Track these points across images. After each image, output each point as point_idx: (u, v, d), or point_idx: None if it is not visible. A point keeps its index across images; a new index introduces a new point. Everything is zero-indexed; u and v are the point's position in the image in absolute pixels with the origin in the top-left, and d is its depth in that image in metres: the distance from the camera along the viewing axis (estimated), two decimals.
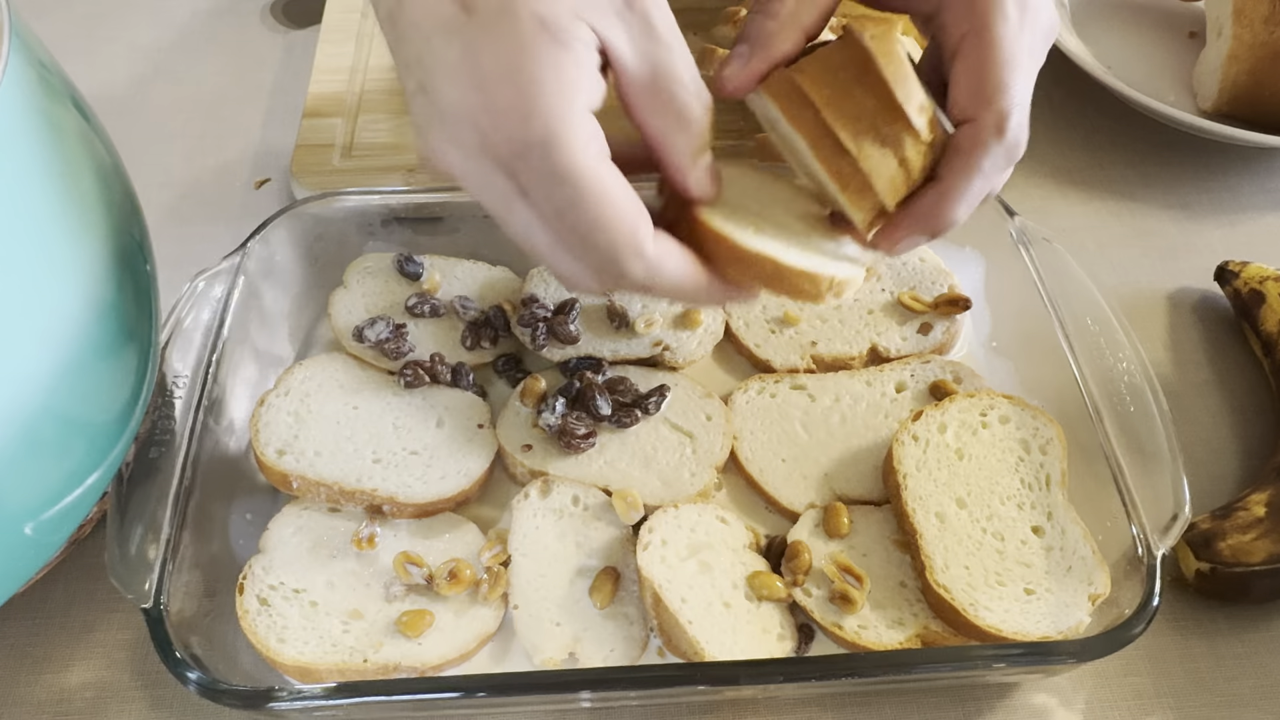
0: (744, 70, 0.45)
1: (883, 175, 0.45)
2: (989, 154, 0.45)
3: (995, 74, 0.44)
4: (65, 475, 0.46)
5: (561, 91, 0.39)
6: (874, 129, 0.45)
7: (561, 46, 0.39)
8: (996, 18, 0.45)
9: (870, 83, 0.44)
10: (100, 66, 0.87)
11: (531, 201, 0.41)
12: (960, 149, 0.45)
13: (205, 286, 0.59)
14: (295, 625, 0.52)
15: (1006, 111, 0.45)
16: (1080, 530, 0.54)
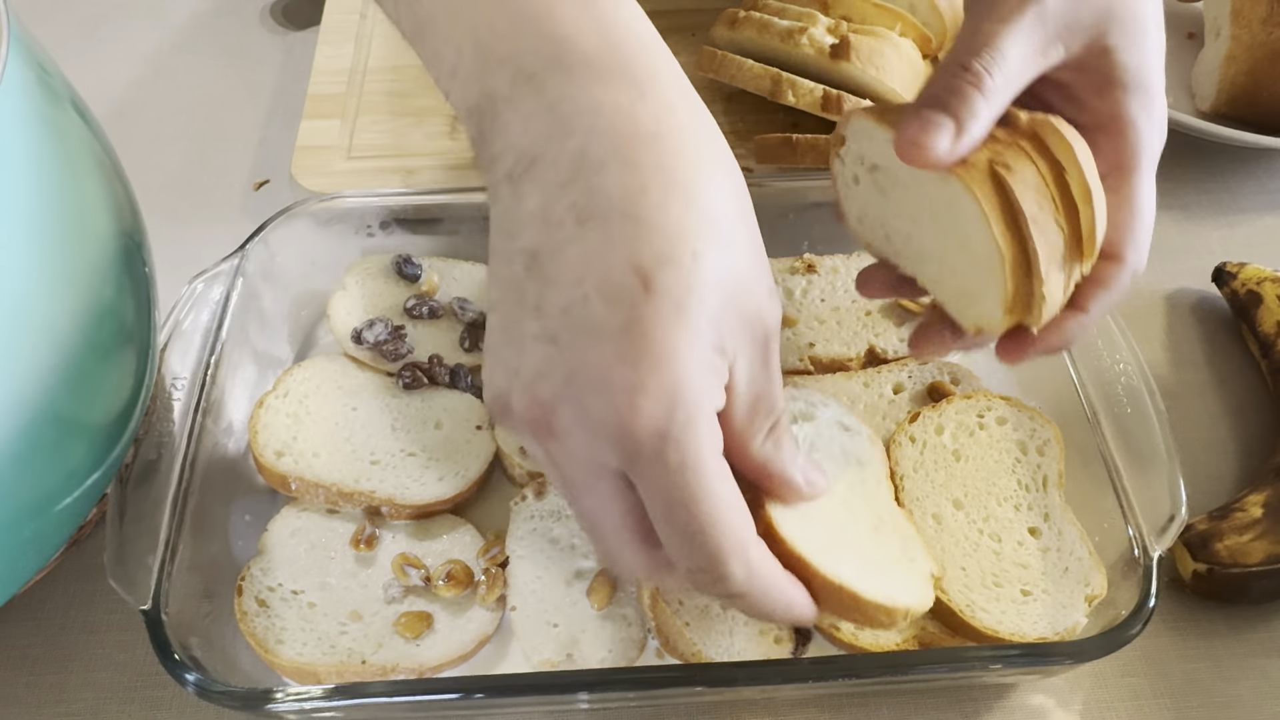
0: (961, 144, 0.43)
1: (1054, 302, 0.46)
2: (1122, 291, 0.48)
3: (1143, 221, 0.47)
4: (64, 477, 0.47)
5: (705, 391, 0.37)
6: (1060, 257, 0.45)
7: (716, 353, 0.38)
8: (1146, 162, 0.47)
9: (1066, 206, 0.45)
10: (100, 68, 0.87)
11: (640, 489, 0.38)
12: (1105, 284, 0.47)
13: (204, 288, 0.59)
14: (293, 626, 0.52)
15: (1144, 256, 0.48)
16: (1077, 531, 0.54)
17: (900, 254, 0.51)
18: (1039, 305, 0.45)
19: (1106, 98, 0.47)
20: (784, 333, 0.65)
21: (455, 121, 0.78)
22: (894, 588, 0.47)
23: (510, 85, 0.38)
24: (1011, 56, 0.44)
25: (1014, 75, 0.44)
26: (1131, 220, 0.47)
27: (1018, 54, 0.44)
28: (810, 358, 0.64)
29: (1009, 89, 0.45)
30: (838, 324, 0.66)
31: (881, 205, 0.51)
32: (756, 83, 0.73)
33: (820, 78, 0.72)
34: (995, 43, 0.44)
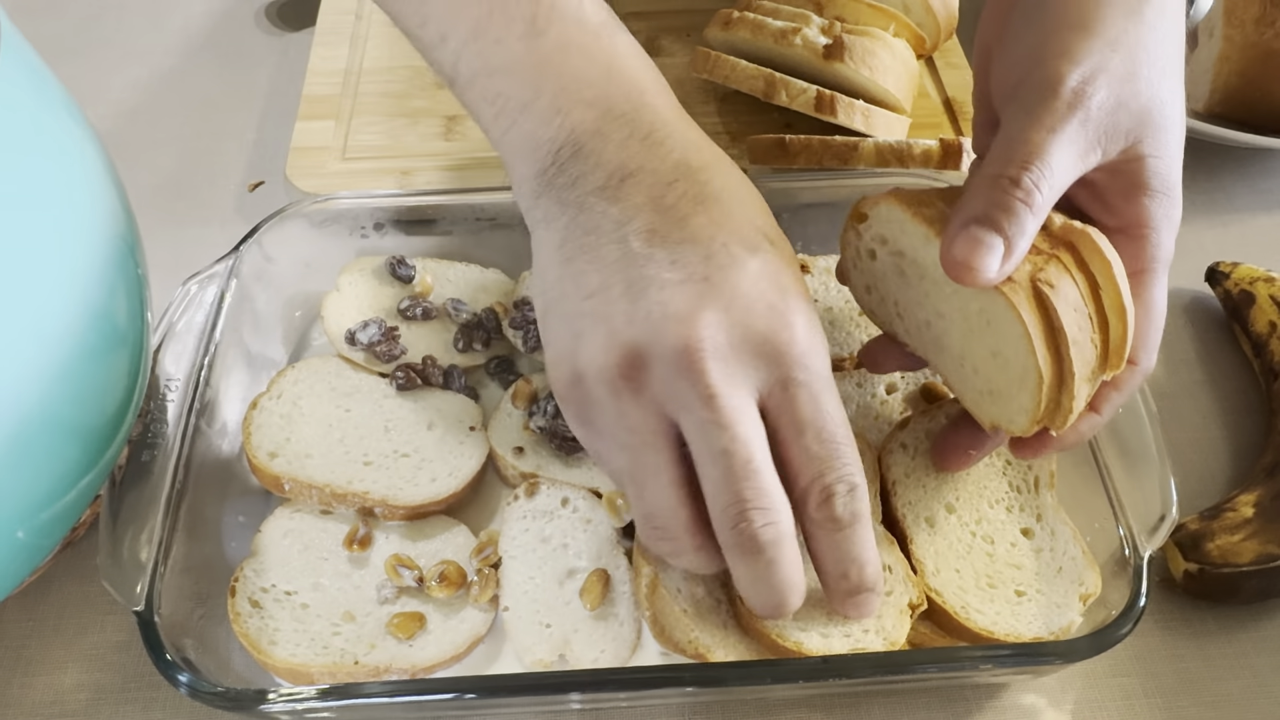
0: (1009, 264, 0.44)
1: (1078, 411, 0.47)
2: (1132, 393, 0.50)
3: (1157, 326, 0.49)
4: (57, 479, 0.47)
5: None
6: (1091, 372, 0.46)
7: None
8: (1163, 267, 0.49)
9: (1100, 321, 0.46)
10: (94, 69, 0.87)
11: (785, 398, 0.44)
12: (1119, 387, 0.49)
13: (198, 289, 0.59)
14: (287, 627, 0.52)
15: (1154, 359, 0.49)
16: (1070, 531, 0.54)
17: (911, 335, 0.52)
18: (1065, 415, 0.46)
19: (1133, 202, 0.47)
20: None
21: (450, 123, 0.78)
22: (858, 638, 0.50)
23: (599, 122, 0.46)
24: (1058, 168, 0.44)
25: (1059, 186, 0.45)
26: (1147, 326, 0.48)
27: (1063, 164, 0.45)
28: None
29: (1053, 200, 0.45)
30: (831, 324, 0.66)
31: (901, 289, 0.52)
32: (750, 83, 0.73)
33: (814, 78, 0.72)
34: (1044, 155, 0.44)
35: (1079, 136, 0.45)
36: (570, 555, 0.54)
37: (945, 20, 0.78)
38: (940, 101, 0.80)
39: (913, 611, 0.51)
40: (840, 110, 0.70)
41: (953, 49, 0.82)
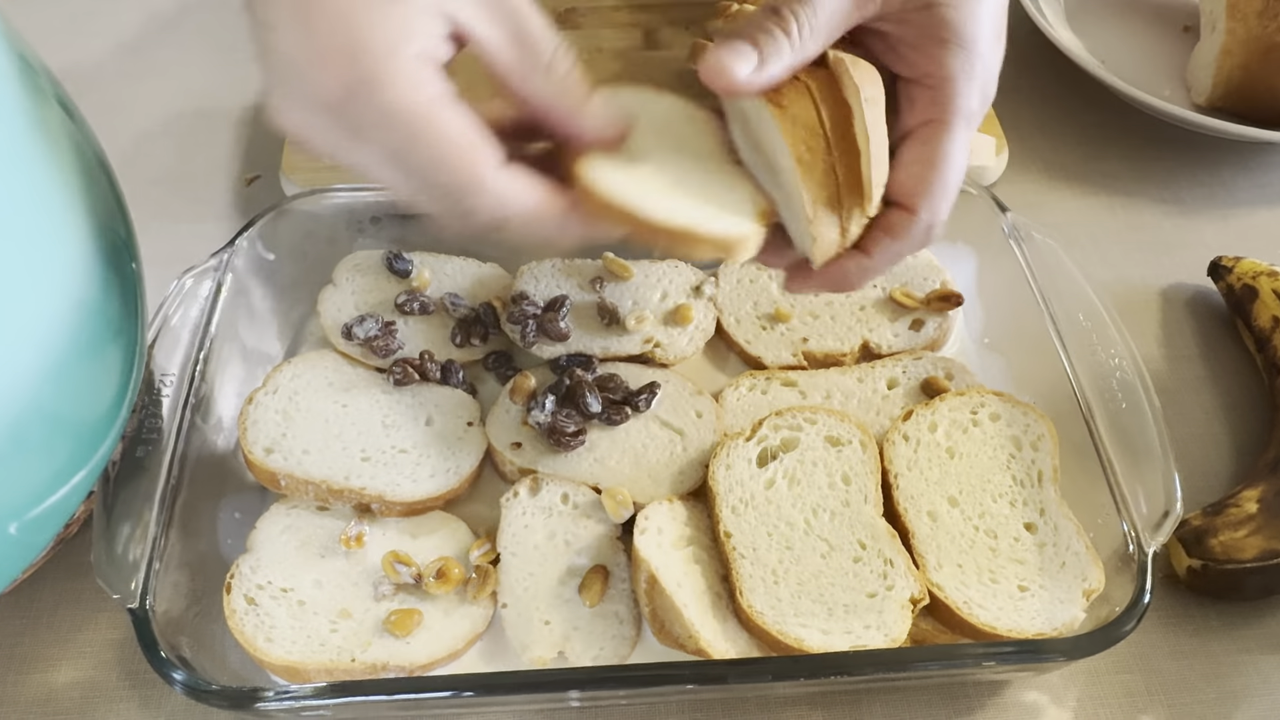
0: (758, 76, 0.45)
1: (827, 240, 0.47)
2: (915, 243, 0.48)
3: (943, 177, 0.47)
4: (51, 474, 0.46)
5: (389, 35, 0.40)
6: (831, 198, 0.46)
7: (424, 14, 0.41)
8: (959, 119, 0.47)
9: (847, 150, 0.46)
10: (88, 62, 0.86)
11: (370, 147, 0.42)
12: (891, 230, 0.48)
13: (193, 284, 0.59)
14: (283, 625, 0.51)
15: (941, 212, 0.47)
16: (1073, 526, 0.54)
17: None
18: (816, 243, 0.46)
19: (925, 52, 0.47)
20: (778, 328, 0.65)
21: None
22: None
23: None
24: (822, 7, 0.45)
25: (823, 26, 0.45)
26: (930, 174, 0.47)
27: (829, 5, 0.45)
28: (804, 353, 0.64)
29: (817, 39, 0.46)
30: (831, 319, 0.65)
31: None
32: None
33: None
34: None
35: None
36: (570, 552, 0.54)
37: None
38: None
39: (914, 606, 0.51)
40: None
41: None
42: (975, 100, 0.47)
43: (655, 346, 0.63)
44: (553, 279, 0.66)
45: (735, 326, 0.65)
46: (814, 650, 0.49)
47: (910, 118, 0.48)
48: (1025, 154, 0.79)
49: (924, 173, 0.47)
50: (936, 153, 0.47)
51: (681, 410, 0.60)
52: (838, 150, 0.46)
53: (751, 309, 0.65)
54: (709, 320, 0.65)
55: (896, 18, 0.47)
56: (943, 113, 0.47)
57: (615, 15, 0.85)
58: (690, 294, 0.66)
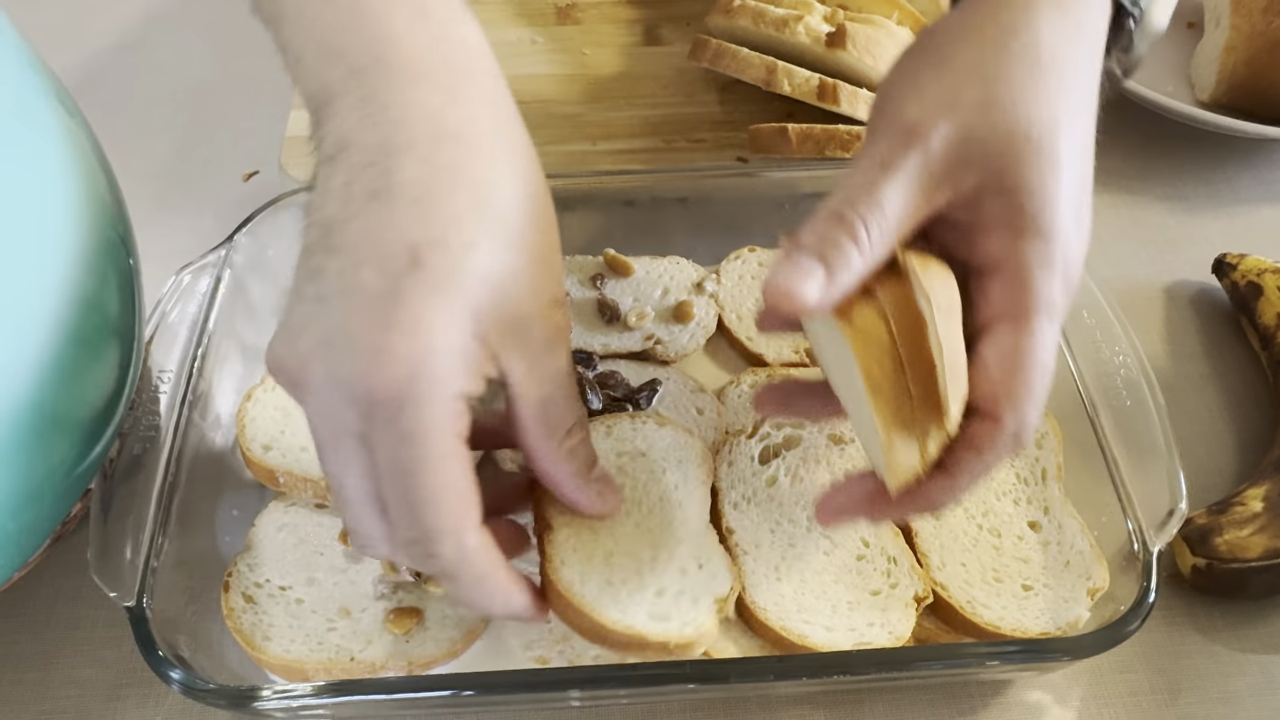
0: (828, 295, 0.41)
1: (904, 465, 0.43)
2: (1003, 454, 0.44)
3: (1028, 380, 0.43)
4: (47, 471, 0.46)
5: (452, 372, 0.39)
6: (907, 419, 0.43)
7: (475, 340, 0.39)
8: (1040, 315, 0.43)
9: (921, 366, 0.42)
10: (87, 57, 0.86)
11: (374, 454, 0.39)
12: (976, 446, 0.43)
13: (191, 280, 0.59)
14: (281, 623, 0.51)
15: (1029, 417, 0.43)
16: (1078, 524, 0.53)
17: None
18: (892, 469, 0.43)
19: (1000, 242, 0.43)
20: None
21: None
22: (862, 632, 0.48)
23: (343, 79, 0.40)
24: (890, 206, 0.42)
25: (892, 225, 0.42)
26: (1013, 379, 0.43)
27: (897, 203, 0.42)
28: (805, 349, 0.63)
29: (886, 240, 0.42)
30: None
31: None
32: (752, 72, 0.72)
33: (816, 66, 0.72)
34: (873, 192, 0.42)
35: (918, 175, 0.42)
36: None
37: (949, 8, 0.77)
38: None
39: (918, 605, 0.50)
40: (843, 98, 0.69)
41: None
42: (1058, 290, 0.43)
43: (656, 343, 0.63)
44: None
45: (737, 323, 0.64)
46: (818, 647, 0.49)
47: (987, 312, 0.44)
48: None
49: (1006, 376, 0.43)
50: (1018, 353, 0.43)
51: (682, 407, 0.60)
52: (911, 367, 0.42)
53: (753, 305, 0.65)
54: (710, 317, 0.65)
55: (968, 205, 0.43)
56: (1021, 308, 0.43)
57: (615, 11, 0.85)
58: (691, 291, 0.66)
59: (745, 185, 0.68)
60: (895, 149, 0.43)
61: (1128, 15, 0.49)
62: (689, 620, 0.48)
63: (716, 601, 0.49)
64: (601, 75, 0.80)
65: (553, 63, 0.81)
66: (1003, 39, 0.44)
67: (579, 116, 0.77)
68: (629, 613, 0.47)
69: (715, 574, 0.50)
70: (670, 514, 0.52)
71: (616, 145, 0.74)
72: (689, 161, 0.73)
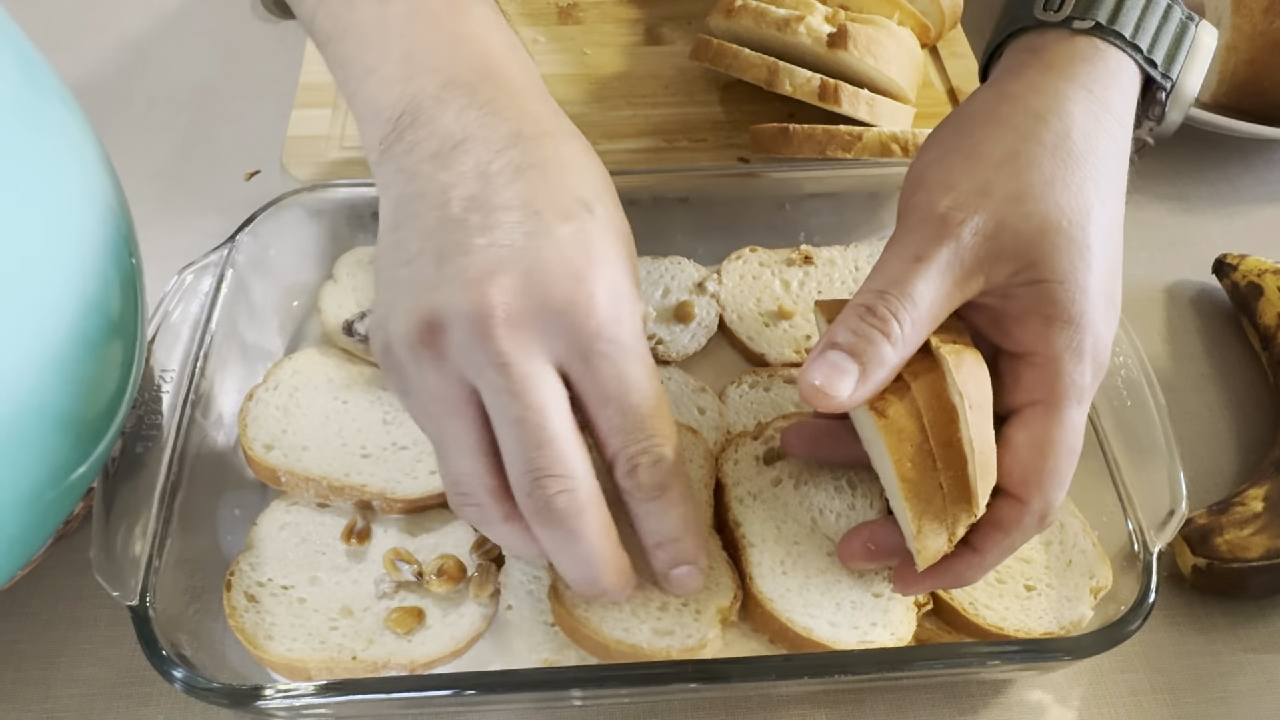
0: (862, 391, 0.43)
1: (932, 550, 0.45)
2: (1029, 533, 0.46)
3: (1055, 464, 0.45)
4: (50, 471, 0.46)
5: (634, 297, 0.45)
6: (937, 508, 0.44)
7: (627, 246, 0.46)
8: (1069, 401, 0.45)
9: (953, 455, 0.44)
10: (89, 57, 0.86)
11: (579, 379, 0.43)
12: (1002, 526, 0.45)
13: (193, 279, 0.59)
14: (283, 622, 0.51)
15: (1055, 499, 0.45)
16: (1080, 524, 0.53)
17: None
18: (920, 551, 0.45)
19: (1030, 329, 0.45)
20: (780, 325, 0.64)
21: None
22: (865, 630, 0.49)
23: (443, 89, 0.45)
24: (923, 299, 0.43)
25: (925, 317, 0.44)
26: (1040, 463, 0.44)
27: (930, 295, 0.43)
28: (807, 350, 0.63)
29: (919, 332, 0.44)
30: None
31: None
32: (753, 72, 0.72)
33: (818, 67, 0.72)
34: (906, 285, 0.43)
35: (950, 264, 0.43)
36: None
37: (950, 9, 0.77)
38: (944, 91, 0.79)
39: (919, 608, 0.50)
40: (845, 99, 0.69)
41: (957, 38, 0.82)
42: (1087, 377, 0.45)
43: (657, 343, 0.63)
44: None
45: (738, 323, 0.64)
46: (821, 640, 0.48)
47: (1017, 395, 0.45)
48: None
49: (1034, 460, 0.44)
50: (1046, 438, 0.44)
51: (684, 407, 0.60)
52: (942, 460, 0.43)
53: (754, 306, 0.65)
54: (711, 317, 0.65)
55: (1000, 293, 0.45)
56: (1051, 394, 0.44)
57: (617, 10, 0.85)
58: (693, 291, 0.66)
59: (747, 185, 0.68)
60: (928, 241, 0.44)
61: (1159, 88, 0.50)
62: (692, 633, 0.48)
63: (719, 611, 0.49)
64: (603, 75, 0.80)
65: (554, 62, 0.81)
66: (1034, 128, 0.45)
67: (580, 116, 0.76)
68: (632, 631, 0.48)
69: (718, 582, 0.50)
70: None
71: (618, 145, 0.74)
72: (690, 161, 0.73)
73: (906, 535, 0.46)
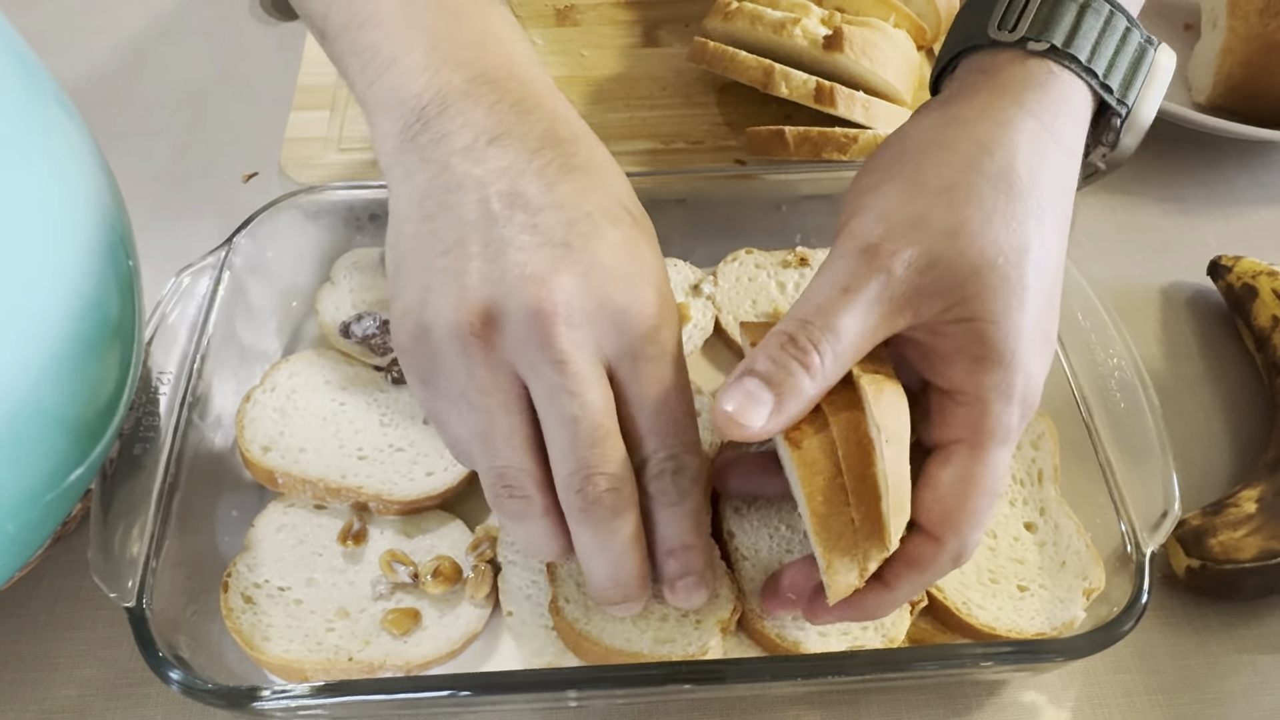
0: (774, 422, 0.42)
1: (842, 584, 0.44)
2: (942, 572, 0.45)
3: (974, 505, 0.44)
4: (47, 472, 0.46)
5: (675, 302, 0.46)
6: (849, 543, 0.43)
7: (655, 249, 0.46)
8: (994, 443, 0.43)
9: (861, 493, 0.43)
10: (86, 58, 0.86)
11: (634, 370, 0.43)
12: (916, 564, 0.44)
13: (191, 281, 0.59)
14: (280, 624, 0.51)
15: (971, 541, 0.44)
16: (1074, 525, 0.54)
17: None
18: (829, 588, 0.44)
19: (960, 367, 0.43)
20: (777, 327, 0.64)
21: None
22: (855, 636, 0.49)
23: (469, 84, 0.45)
24: (847, 333, 0.42)
25: (848, 350, 0.42)
26: (960, 503, 0.43)
27: (855, 329, 0.42)
28: None
29: (841, 365, 0.42)
30: None
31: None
32: (749, 74, 0.72)
33: (814, 69, 0.72)
34: (831, 317, 0.42)
35: (879, 298, 0.42)
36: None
37: (946, 10, 0.77)
38: None
39: (912, 609, 0.51)
40: (840, 101, 0.69)
41: None
42: (1015, 418, 0.43)
43: None
44: None
45: (733, 325, 0.65)
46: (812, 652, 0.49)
47: (942, 431, 0.44)
48: None
49: (954, 501, 0.43)
50: (969, 479, 0.43)
51: None
52: (855, 495, 0.42)
53: (750, 307, 0.65)
54: (708, 319, 0.65)
55: (930, 329, 0.43)
56: (977, 434, 0.43)
57: (614, 13, 0.85)
58: (689, 293, 0.66)
59: (743, 187, 0.68)
60: (858, 272, 0.42)
61: (1114, 114, 0.48)
62: (692, 642, 0.49)
63: (719, 623, 0.49)
64: (600, 77, 0.80)
65: (552, 64, 0.81)
66: (978, 158, 0.44)
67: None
68: (634, 642, 0.49)
69: (719, 594, 0.51)
70: None
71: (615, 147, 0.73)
72: (687, 163, 0.74)
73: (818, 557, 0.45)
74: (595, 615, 0.50)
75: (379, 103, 0.46)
